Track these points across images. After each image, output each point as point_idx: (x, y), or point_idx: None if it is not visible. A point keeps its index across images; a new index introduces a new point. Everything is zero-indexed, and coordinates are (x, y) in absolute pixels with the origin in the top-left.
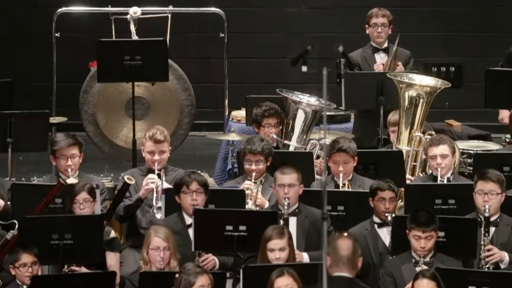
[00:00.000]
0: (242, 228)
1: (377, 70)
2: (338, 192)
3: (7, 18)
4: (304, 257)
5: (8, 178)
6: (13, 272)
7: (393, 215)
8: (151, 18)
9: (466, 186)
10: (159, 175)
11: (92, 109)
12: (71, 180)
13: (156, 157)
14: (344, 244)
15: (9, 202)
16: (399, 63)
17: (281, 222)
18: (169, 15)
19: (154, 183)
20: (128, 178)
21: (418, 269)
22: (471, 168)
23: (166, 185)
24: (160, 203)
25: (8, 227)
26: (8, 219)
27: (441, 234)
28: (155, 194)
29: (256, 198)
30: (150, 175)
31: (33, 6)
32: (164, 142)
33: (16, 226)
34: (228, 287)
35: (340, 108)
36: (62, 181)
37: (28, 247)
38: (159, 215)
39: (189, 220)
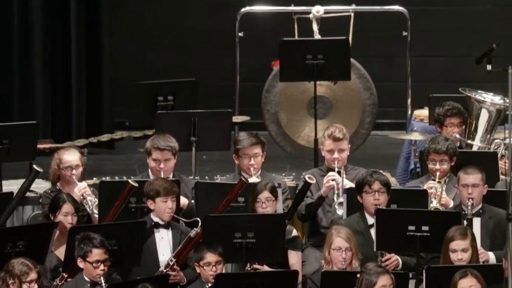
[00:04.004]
0: (425, 228)
1: None
2: None
3: (193, 18)
4: (491, 257)
5: (192, 177)
6: (198, 270)
7: None
8: (333, 17)
9: None
10: (339, 173)
11: (274, 109)
12: (254, 179)
13: (336, 155)
14: None
15: (193, 201)
16: None
17: (465, 222)
18: (352, 14)
19: (335, 181)
20: (309, 178)
21: None
22: None
23: (346, 182)
24: (342, 199)
25: (192, 225)
26: (192, 217)
27: None
28: (335, 191)
29: (441, 197)
30: (330, 173)
31: (219, 6)
32: (343, 140)
33: (199, 224)
34: None
35: None
36: (243, 179)
37: (213, 246)
38: (340, 211)
39: (371, 220)
